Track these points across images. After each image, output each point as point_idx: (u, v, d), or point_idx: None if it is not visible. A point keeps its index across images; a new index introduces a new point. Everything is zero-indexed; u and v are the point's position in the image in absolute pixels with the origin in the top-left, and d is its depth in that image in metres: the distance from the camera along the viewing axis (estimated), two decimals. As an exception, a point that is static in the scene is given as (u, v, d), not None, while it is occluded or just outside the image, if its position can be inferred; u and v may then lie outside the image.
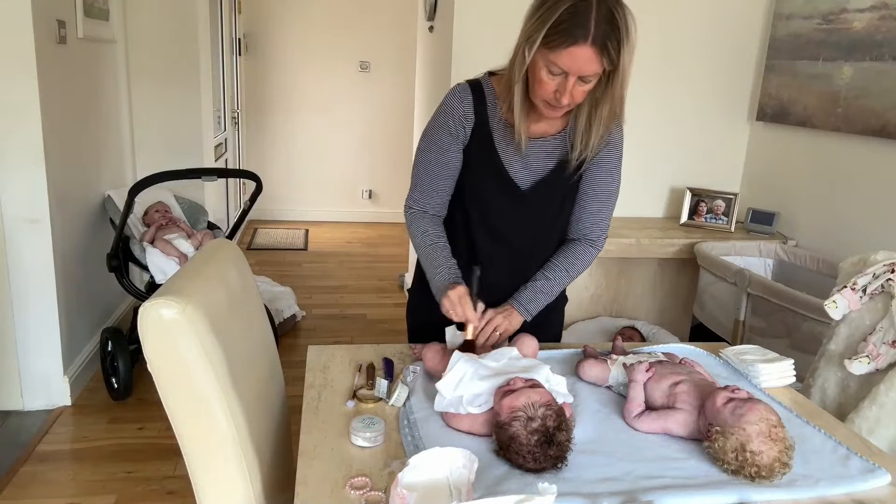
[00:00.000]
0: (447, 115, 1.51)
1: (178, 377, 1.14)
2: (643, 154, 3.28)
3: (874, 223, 2.61)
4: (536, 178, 1.51)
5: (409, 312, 1.79)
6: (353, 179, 6.35)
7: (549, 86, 1.32)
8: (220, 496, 1.20)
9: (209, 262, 1.35)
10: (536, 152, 1.49)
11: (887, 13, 2.51)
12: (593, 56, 1.26)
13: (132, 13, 3.56)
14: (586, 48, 1.25)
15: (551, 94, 1.33)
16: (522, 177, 1.51)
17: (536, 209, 1.55)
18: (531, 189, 1.52)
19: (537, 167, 1.51)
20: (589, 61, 1.27)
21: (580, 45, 1.25)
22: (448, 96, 1.52)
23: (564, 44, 1.25)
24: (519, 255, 1.60)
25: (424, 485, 1.00)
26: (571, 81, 1.30)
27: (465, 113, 1.49)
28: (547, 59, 1.29)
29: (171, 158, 3.65)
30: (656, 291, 3.33)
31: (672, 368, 1.32)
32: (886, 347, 1.61)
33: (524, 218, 1.56)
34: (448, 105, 1.51)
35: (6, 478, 2.34)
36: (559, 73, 1.30)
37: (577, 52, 1.25)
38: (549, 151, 1.50)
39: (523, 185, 1.52)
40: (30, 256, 2.65)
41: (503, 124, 1.47)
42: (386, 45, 6.03)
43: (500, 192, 1.52)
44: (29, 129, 2.54)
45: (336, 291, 4.49)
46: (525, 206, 1.53)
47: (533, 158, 1.50)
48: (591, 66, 1.27)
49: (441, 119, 1.52)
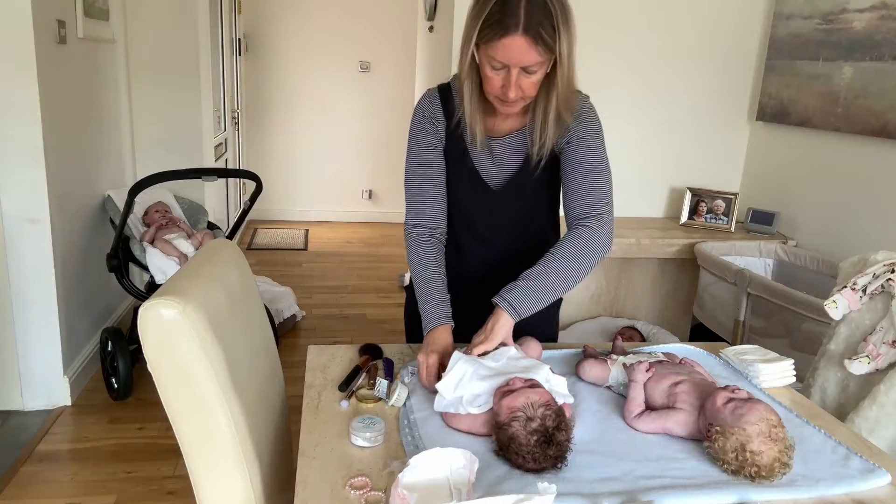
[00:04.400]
0: (421, 116, 1.53)
1: (178, 377, 1.14)
2: (643, 154, 3.28)
3: (874, 223, 2.61)
4: (506, 176, 1.53)
5: (407, 310, 1.78)
6: (352, 179, 6.35)
7: (495, 81, 1.33)
8: (220, 496, 1.20)
9: (209, 262, 1.35)
10: (504, 150, 1.51)
11: (887, 13, 2.51)
12: (527, 45, 1.26)
13: (132, 13, 3.56)
14: (518, 38, 1.25)
15: (499, 89, 1.34)
16: (493, 175, 1.53)
17: (509, 206, 1.56)
18: (502, 187, 1.53)
19: (506, 165, 1.52)
20: (524, 51, 1.27)
21: (512, 36, 1.25)
22: (419, 101, 1.55)
23: (496, 36, 1.26)
24: (506, 254, 1.59)
25: (425, 485, 1.00)
26: (514, 74, 1.30)
27: (436, 116, 1.51)
28: (486, 54, 1.30)
29: (171, 158, 3.65)
30: (656, 291, 3.33)
31: (672, 368, 1.32)
32: (886, 347, 1.61)
33: (499, 216, 1.57)
34: (421, 110, 1.53)
35: (6, 478, 2.34)
36: (501, 67, 1.31)
37: (509, 42, 1.26)
38: (516, 148, 1.50)
39: (493, 183, 1.53)
40: (30, 256, 2.65)
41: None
42: (386, 45, 6.03)
43: (473, 191, 1.54)
44: (29, 129, 2.54)
45: (336, 291, 4.49)
46: (497, 203, 1.55)
47: (501, 156, 1.51)
48: (528, 55, 1.27)
49: (416, 122, 1.53)
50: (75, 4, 2.87)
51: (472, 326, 1.41)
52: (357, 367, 1.42)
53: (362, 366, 1.43)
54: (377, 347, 1.54)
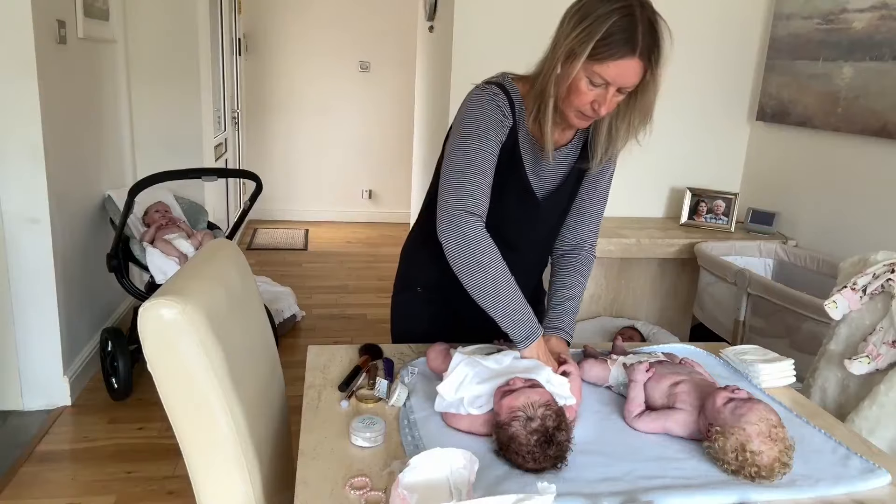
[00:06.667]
0: (495, 108, 1.38)
1: (178, 377, 1.14)
2: (643, 154, 3.26)
3: (874, 223, 2.61)
4: (550, 188, 1.51)
5: (394, 320, 1.71)
6: (352, 179, 6.35)
7: (587, 96, 1.31)
8: (220, 496, 1.20)
9: (209, 262, 1.35)
10: (554, 162, 1.48)
11: (887, 13, 2.51)
12: (640, 68, 1.27)
13: (132, 13, 3.56)
14: (635, 61, 1.25)
15: (588, 105, 1.32)
16: (538, 186, 1.50)
17: (547, 218, 1.54)
18: (546, 198, 1.51)
19: (551, 177, 1.50)
20: (635, 73, 1.27)
21: (629, 58, 1.25)
22: (483, 94, 1.40)
23: (614, 56, 1.25)
24: (527, 265, 1.59)
25: (425, 485, 1.00)
26: (612, 92, 1.29)
27: (505, 114, 1.41)
28: (590, 70, 1.27)
29: (171, 158, 3.65)
30: (656, 291, 3.33)
31: (672, 368, 1.32)
32: (886, 347, 1.60)
33: (536, 227, 1.55)
34: (493, 99, 1.39)
35: (6, 478, 2.34)
36: (601, 84, 1.29)
37: (625, 64, 1.25)
38: (560, 161, 1.49)
39: (539, 194, 1.50)
40: (30, 256, 2.65)
41: (526, 131, 1.44)
42: (386, 45, 6.03)
43: (519, 201, 1.49)
44: (29, 129, 2.54)
45: (336, 291, 4.49)
46: (538, 215, 1.52)
47: (550, 168, 1.49)
48: (636, 77, 1.28)
49: (492, 112, 1.38)
50: (75, 4, 2.87)
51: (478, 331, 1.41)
52: (357, 367, 1.42)
53: (362, 366, 1.43)
54: (377, 347, 1.54)
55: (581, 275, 1.56)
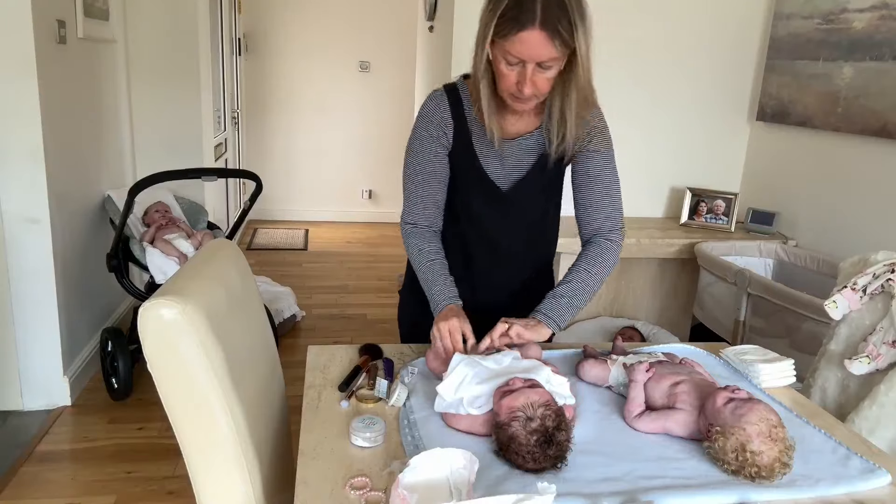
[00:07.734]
0: (428, 121, 1.50)
1: (178, 377, 1.14)
2: (643, 154, 3.28)
3: (874, 223, 2.61)
4: (516, 178, 1.51)
5: (401, 315, 1.77)
6: (352, 179, 6.35)
7: (510, 77, 1.33)
8: (220, 496, 1.20)
9: (209, 262, 1.35)
10: (515, 152, 1.50)
11: (887, 13, 2.51)
12: (544, 39, 1.26)
13: (132, 13, 3.56)
14: (535, 32, 1.25)
15: (514, 86, 1.34)
16: (502, 177, 1.51)
17: (519, 209, 1.55)
18: (511, 189, 1.52)
19: (516, 167, 1.51)
20: (540, 45, 1.26)
21: (529, 30, 1.25)
22: (426, 103, 1.52)
23: (513, 30, 1.26)
24: (514, 258, 1.60)
25: (425, 485, 1.00)
26: (530, 69, 1.30)
27: (443, 118, 1.49)
28: (502, 49, 1.30)
29: (171, 158, 3.65)
30: (656, 291, 3.33)
31: (672, 368, 1.32)
32: (886, 347, 1.61)
33: (509, 219, 1.55)
34: (427, 111, 1.51)
35: (6, 478, 2.34)
36: (516, 63, 1.30)
37: (526, 37, 1.26)
38: (526, 150, 1.50)
39: (503, 185, 1.52)
40: (30, 256, 2.65)
41: (480, 126, 1.47)
42: (386, 45, 6.03)
43: (482, 194, 1.52)
44: (29, 129, 2.54)
45: (336, 291, 4.49)
46: (507, 206, 1.53)
47: (511, 158, 1.50)
48: (544, 50, 1.27)
49: (422, 126, 1.51)
50: (75, 4, 2.87)
51: (479, 327, 1.41)
52: (357, 367, 1.42)
53: (362, 366, 1.43)
54: (377, 347, 1.54)
55: (587, 263, 1.51)
